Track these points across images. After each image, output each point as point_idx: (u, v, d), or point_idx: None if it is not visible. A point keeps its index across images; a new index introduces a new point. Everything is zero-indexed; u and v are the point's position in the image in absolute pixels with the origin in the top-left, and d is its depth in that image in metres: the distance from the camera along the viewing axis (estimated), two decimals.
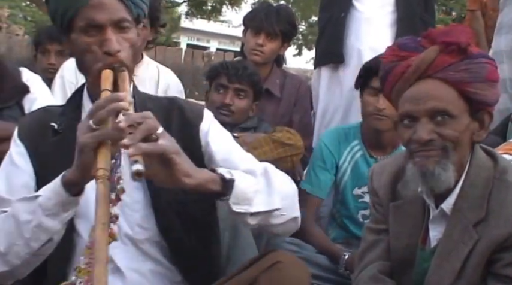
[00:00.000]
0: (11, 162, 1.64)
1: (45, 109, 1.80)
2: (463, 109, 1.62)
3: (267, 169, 1.62)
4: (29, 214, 1.47)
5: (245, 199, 1.51)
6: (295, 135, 2.73)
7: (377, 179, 1.87)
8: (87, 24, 1.56)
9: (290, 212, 1.62)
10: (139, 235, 1.61)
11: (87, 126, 1.38)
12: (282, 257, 1.51)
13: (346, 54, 3.16)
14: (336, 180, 2.79)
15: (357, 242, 2.42)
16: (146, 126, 1.36)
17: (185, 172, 1.40)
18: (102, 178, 1.33)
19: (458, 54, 1.62)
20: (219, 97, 2.78)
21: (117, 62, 1.55)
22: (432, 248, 1.69)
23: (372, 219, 1.91)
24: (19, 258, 1.50)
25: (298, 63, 16.86)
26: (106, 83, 1.50)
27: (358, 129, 2.78)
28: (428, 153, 1.61)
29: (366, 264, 1.83)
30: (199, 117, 1.71)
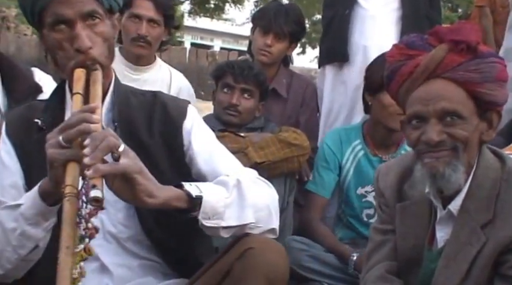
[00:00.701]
0: (1, 163, 1.62)
1: (30, 105, 1.75)
2: (472, 110, 1.60)
3: (240, 180, 1.55)
4: (13, 222, 1.47)
5: (215, 213, 1.47)
6: (301, 136, 2.73)
7: (383, 179, 1.86)
8: (55, 19, 1.51)
9: (266, 224, 1.58)
10: (123, 233, 1.60)
11: (57, 141, 1.35)
12: (254, 243, 1.47)
13: (351, 52, 3.14)
14: (339, 180, 2.79)
15: (364, 242, 2.42)
16: (107, 143, 1.31)
17: (148, 192, 1.36)
18: (68, 196, 1.28)
19: (467, 53, 1.60)
20: (226, 97, 2.77)
21: (89, 60, 1.50)
22: (439, 249, 1.69)
23: (378, 219, 1.90)
24: (10, 263, 1.50)
25: (302, 61, 16.81)
26: (77, 85, 1.46)
27: (359, 129, 2.79)
28: (438, 154, 1.59)
29: (373, 264, 1.82)
30: (182, 114, 1.67)
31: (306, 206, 2.80)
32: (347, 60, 3.14)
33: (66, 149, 1.34)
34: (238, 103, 2.75)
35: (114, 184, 1.34)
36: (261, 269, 1.43)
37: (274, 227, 1.60)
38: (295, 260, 2.47)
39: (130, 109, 1.61)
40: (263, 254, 1.45)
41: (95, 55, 1.51)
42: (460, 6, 14.13)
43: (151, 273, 1.62)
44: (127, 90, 1.69)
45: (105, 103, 1.61)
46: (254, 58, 3.18)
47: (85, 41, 1.49)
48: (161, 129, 1.59)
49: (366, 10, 3.17)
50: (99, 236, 1.56)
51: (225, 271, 1.48)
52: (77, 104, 1.43)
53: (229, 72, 2.77)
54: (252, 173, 1.66)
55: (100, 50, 1.53)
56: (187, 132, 1.65)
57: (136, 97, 1.67)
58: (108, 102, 1.62)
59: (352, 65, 3.13)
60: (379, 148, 2.73)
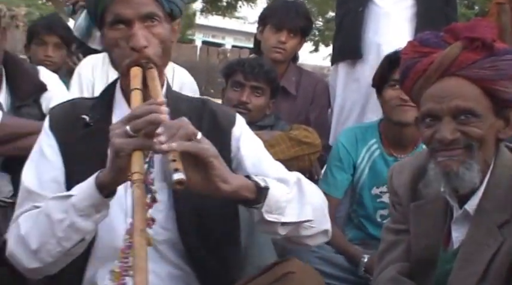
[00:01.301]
0: (41, 154, 1.63)
1: (75, 102, 1.79)
2: (487, 107, 1.58)
3: (300, 178, 1.59)
4: (62, 213, 1.46)
5: (278, 207, 1.48)
6: (312, 133, 2.71)
7: (397, 178, 1.85)
8: (115, 19, 1.56)
9: (320, 225, 1.59)
10: (160, 235, 1.59)
11: (124, 131, 1.37)
12: (296, 267, 1.48)
13: (364, 49, 3.11)
14: (353, 180, 2.76)
15: (374, 243, 2.40)
16: (185, 130, 1.35)
17: (223, 177, 1.39)
18: (137, 182, 1.32)
19: (482, 50, 1.58)
20: (236, 95, 2.75)
21: (144, 58, 1.54)
22: (454, 249, 1.66)
23: (392, 219, 1.88)
24: (51, 256, 1.49)
25: (315, 59, 16.80)
26: (135, 81, 1.50)
27: (376, 128, 2.75)
28: (452, 152, 1.58)
29: (386, 265, 1.80)
30: (231, 122, 1.70)
31: None
32: (360, 57, 3.12)
33: (133, 139, 1.36)
34: (248, 100, 2.73)
35: (185, 172, 1.33)
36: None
37: (328, 229, 1.62)
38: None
39: (180, 114, 1.61)
40: (302, 280, 1.46)
41: (150, 55, 1.54)
42: (476, 3, 14.01)
43: (177, 284, 1.62)
44: (177, 95, 1.74)
45: None
46: (263, 55, 3.16)
47: (140, 40, 1.53)
48: (210, 135, 1.58)
49: (380, 7, 3.15)
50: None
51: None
52: (137, 99, 1.47)
53: (239, 69, 2.75)
54: (302, 176, 1.66)
55: (155, 50, 1.56)
56: (235, 139, 1.68)
57: (185, 103, 1.70)
58: None
59: (365, 63, 3.10)
60: (395, 147, 2.69)
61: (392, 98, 2.56)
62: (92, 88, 3.16)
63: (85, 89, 3.14)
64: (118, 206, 1.57)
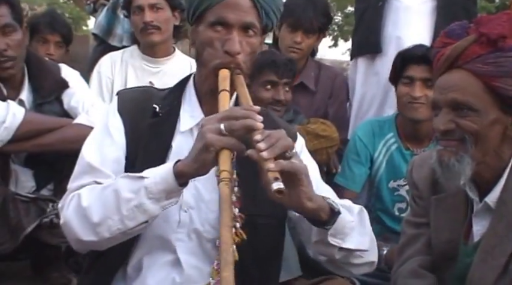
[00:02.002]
0: (106, 132, 1.65)
1: (147, 90, 1.82)
2: (489, 103, 1.56)
3: (363, 209, 1.61)
4: (131, 192, 1.47)
5: (342, 233, 1.49)
6: (330, 127, 2.71)
7: (417, 171, 1.84)
8: (218, 20, 1.58)
9: (370, 256, 1.59)
10: (208, 233, 1.60)
11: (217, 128, 1.39)
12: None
13: (384, 43, 3.12)
14: (370, 173, 2.76)
15: (394, 237, 2.40)
16: (284, 143, 1.37)
17: (309, 195, 1.40)
18: (225, 180, 1.34)
19: (488, 46, 1.56)
20: (270, 93, 2.74)
21: (234, 63, 1.56)
22: (475, 242, 1.65)
23: (412, 212, 1.88)
24: (110, 232, 1.50)
25: (334, 54, 16.73)
26: (224, 83, 1.52)
27: (393, 121, 2.75)
28: (446, 143, 1.60)
29: (406, 259, 1.80)
30: (293, 136, 1.70)
31: None
32: (380, 51, 3.12)
33: (225, 137, 1.38)
34: (283, 98, 2.74)
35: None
36: None
37: (374, 261, 1.62)
38: None
39: None
40: None
41: (240, 61, 1.57)
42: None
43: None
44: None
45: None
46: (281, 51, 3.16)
47: (236, 45, 1.56)
48: None
49: (400, 1, 3.15)
50: (183, 231, 1.60)
51: None
52: (226, 100, 1.50)
53: (273, 69, 2.74)
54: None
55: (245, 58, 1.59)
56: (296, 155, 1.67)
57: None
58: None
59: (384, 57, 3.10)
60: (411, 141, 2.70)
61: (404, 95, 2.58)
62: (111, 85, 3.19)
63: (104, 87, 3.17)
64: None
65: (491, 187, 1.61)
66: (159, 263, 1.60)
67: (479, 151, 1.57)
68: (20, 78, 2.51)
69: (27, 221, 2.34)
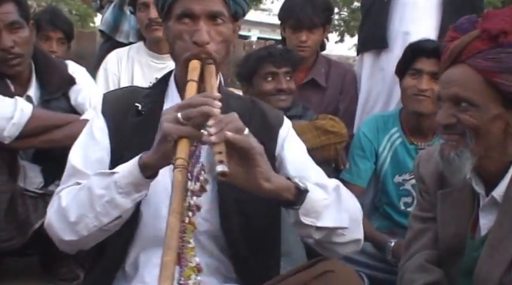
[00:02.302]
0: (90, 135, 1.67)
1: (131, 89, 1.83)
2: (490, 99, 1.56)
3: (339, 185, 1.59)
4: (103, 189, 1.50)
5: (314, 211, 1.49)
6: (339, 123, 2.71)
7: (424, 166, 1.84)
8: (183, 12, 1.59)
9: (353, 234, 1.58)
10: (201, 226, 1.60)
11: (175, 117, 1.40)
12: (336, 267, 1.48)
13: (390, 39, 3.11)
14: (376, 168, 2.77)
15: (402, 231, 2.40)
16: (234, 125, 1.37)
17: (266, 175, 1.39)
18: (180, 167, 1.34)
19: (489, 41, 1.56)
20: (271, 85, 2.76)
21: (205, 53, 1.56)
22: (482, 237, 1.65)
23: (418, 207, 1.88)
24: (87, 230, 1.53)
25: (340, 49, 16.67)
26: (193, 74, 1.52)
27: (397, 116, 2.76)
28: (448, 137, 1.60)
29: (413, 253, 1.80)
30: (280, 121, 1.73)
31: None
32: (386, 46, 3.11)
33: (182, 126, 1.39)
34: (286, 86, 2.75)
35: (229, 166, 1.35)
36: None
37: (360, 238, 1.61)
38: None
39: (230, 110, 1.63)
40: (341, 280, 1.45)
41: (211, 51, 1.57)
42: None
43: (215, 275, 1.64)
44: (227, 93, 1.76)
45: None
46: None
47: (204, 35, 1.56)
48: (258, 132, 1.59)
49: None
50: None
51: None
52: (192, 90, 1.50)
53: (270, 60, 2.76)
54: (341, 184, 1.67)
55: (216, 47, 1.59)
56: (282, 138, 1.70)
57: (235, 101, 1.73)
58: None
59: (391, 52, 3.09)
60: (415, 136, 2.71)
61: (410, 87, 2.59)
62: (117, 81, 3.20)
63: (111, 83, 3.18)
64: (165, 194, 1.56)
65: (497, 181, 1.61)
66: (155, 259, 1.57)
67: (479, 145, 1.57)
68: (28, 74, 2.52)
69: (36, 217, 2.35)
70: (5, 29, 2.37)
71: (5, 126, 2.29)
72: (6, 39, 2.36)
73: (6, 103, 2.33)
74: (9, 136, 2.31)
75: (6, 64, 2.41)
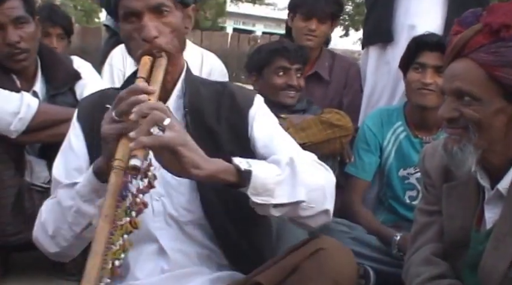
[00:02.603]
0: (68, 144, 1.68)
1: (103, 92, 1.83)
2: (493, 93, 1.55)
3: (293, 159, 1.53)
4: (70, 199, 1.52)
5: (266, 190, 1.45)
6: (344, 117, 2.71)
7: (429, 160, 1.84)
8: (126, 12, 1.58)
9: (319, 205, 1.55)
10: (184, 217, 1.61)
11: (110, 117, 1.40)
12: (326, 244, 1.48)
13: (396, 32, 3.10)
14: (380, 162, 2.77)
15: (407, 225, 2.40)
16: (152, 116, 1.34)
17: (194, 163, 1.37)
18: (116, 169, 1.32)
19: (491, 35, 1.56)
20: (282, 79, 2.78)
21: (155, 48, 1.55)
22: (487, 230, 1.65)
23: (424, 201, 1.88)
24: (66, 241, 1.57)
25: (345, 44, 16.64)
26: (142, 70, 1.51)
27: (401, 110, 2.77)
28: (451, 131, 1.61)
29: (419, 247, 1.80)
30: (249, 102, 1.70)
31: (347, 190, 2.78)
32: (391, 40, 3.10)
33: (117, 124, 1.39)
34: (297, 83, 2.77)
35: (163, 158, 1.37)
36: (330, 271, 1.44)
37: (328, 209, 1.58)
38: None
39: (199, 98, 1.65)
40: (333, 256, 1.45)
41: (161, 44, 1.56)
42: None
43: (207, 263, 1.64)
44: (197, 80, 1.74)
45: (175, 90, 1.67)
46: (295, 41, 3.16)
47: (151, 31, 1.55)
48: (228, 116, 1.62)
49: None
50: (160, 219, 1.61)
51: (291, 268, 1.48)
52: None
53: (284, 55, 2.77)
54: (310, 156, 1.65)
55: (166, 39, 1.57)
56: (251, 118, 1.68)
57: (205, 87, 1.72)
58: (178, 90, 1.67)
59: (396, 45, 3.09)
60: (420, 129, 2.71)
61: (414, 81, 2.60)
62: (123, 77, 3.20)
63: (116, 79, 3.18)
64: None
65: (502, 174, 1.61)
66: (145, 254, 1.61)
67: (483, 139, 1.57)
68: (33, 70, 2.53)
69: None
70: (11, 24, 2.38)
71: (11, 121, 2.30)
72: (12, 34, 2.37)
73: (13, 98, 2.34)
74: (15, 131, 2.32)
75: (13, 60, 2.42)
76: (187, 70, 1.71)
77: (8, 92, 2.35)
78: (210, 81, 1.82)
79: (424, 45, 2.60)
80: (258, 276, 1.51)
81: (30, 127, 2.34)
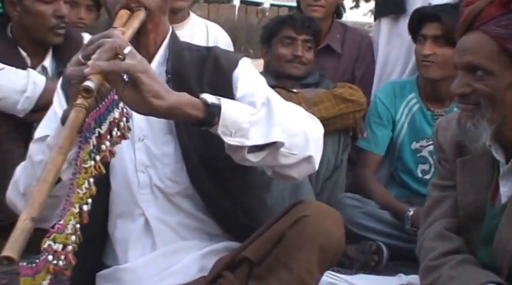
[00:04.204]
0: (52, 111, 1.65)
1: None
2: (505, 66, 1.52)
3: (269, 98, 1.45)
4: (40, 154, 1.48)
5: (239, 129, 1.36)
6: (357, 91, 2.69)
7: (442, 134, 1.82)
8: None
9: (301, 151, 1.45)
10: (171, 188, 1.59)
11: (76, 59, 1.34)
12: (309, 210, 1.46)
13: (408, 3, 3.05)
14: (393, 136, 2.75)
15: (419, 200, 2.41)
16: (111, 43, 1.28)
17: (154, 92, 1.29)
18: (78, 107, 1.25)
19: (502, 7, 1.52)
20: (288, 50, 2.75)
21: (133, 2, 1.50)
22: (502, 204, 1.63)
23: (438, 175, 1.86)
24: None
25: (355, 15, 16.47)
26: (118, 22, 1.46)
27: (414, 82, 2.75)
28: (464, 106, 1.58)
29: (432, 222, 1.79)
30: (233, 64, 1.62)
31: (359, 164, 2.78)
32: (404, 11, 3.05)
33: (82, 66, 1.30)
34: (302, 54, 2.73)
35: (124, 92, 1.31)
36: (315, 238, 1.42)
37: (311, 155, 1.48)
38: (348, 217, 2.43)
39: (183, 64, 1.62)
40: (318, 222, 1.43)
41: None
42: None
43: (198, 235, 1.62)
44: (183, 46, 1.69)
45: (156, 56, 1.63)
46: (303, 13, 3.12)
47: None
48: (211, 80, 1.58)
49: None
50: (147, 191, 1.59)
51: (277, 238, 1.47)
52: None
53: (290, 24, 2.75)
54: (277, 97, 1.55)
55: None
56: (235, 79, 1.61)
57: (191, 53, 1.67)
58: (161, 55, 1.63)
59: (408, 17, 3.02)
60: (432, 102, 2.70)
61: (417, 52, 2.61)
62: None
63: None
64: (129, 160, 1.59)
65: None
66: (134, 232, 1.60)
67: (496, 114, 1.55)
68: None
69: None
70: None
71: (18, 100, 2.30)
72: (64, 8, 2.40)
73: (19, 76, 2.33)
74: (23, 110, 2.31)
75: (55, 33, 2.43)
76: (172, 35, 1.67)
77: (15, 69, 2.34)
78: (196, 47, 1.74)
79: (423, 16, 2.60)
80: (244, 251, 1.50)
81: (38, 106, 2.33)
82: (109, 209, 1.62)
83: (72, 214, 1.25)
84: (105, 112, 1.33)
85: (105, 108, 1.33)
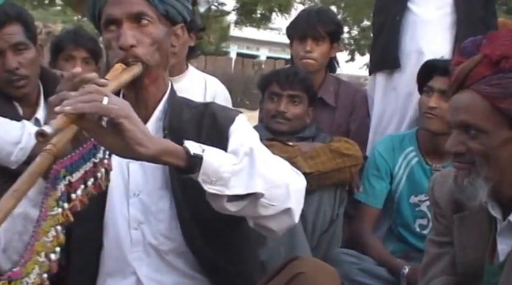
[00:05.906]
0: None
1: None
2: (498, 124, 1.53)
3: (253, 148, 1.44)
4: (19, 207, 1.40)
5: (219, 178, 1.35)
6: (354, 146, 2.68)
7: (438, 190, 1.81)
8: (106, 20, 1.55)
9: (281, 203, 1.43)
10: (164, 245, 1.58)
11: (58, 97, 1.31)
12: (305, 267, 1.44)
13: (402, 58, 3.08)
14: (391, 189, 2.73)
15: (417, 255, 2.38)
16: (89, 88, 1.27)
17: (137, 139, 1.27)
18: (45, 152, 1.20)
19: (491, 67, 1.54)
20: (273, 105, 2.76)
21: (131, 57, 1.51)
22: (501, 262, 1.62)
23: (434, 231, 1.85)
24: (17, 253, 1.48)
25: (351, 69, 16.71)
26: (110, 74, 1.46)
27: (413, 136, 2.74)
28: (459, 165, 1.58)
29: (430, 279, 1.77)
30: (230, 120, 1.62)
31: (357, 217, 2.75)
32: (398, 66, 3.08)
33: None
34: (285, 110, 2.73)
35: (106, 140, 1.29)
36: None
37: (291, 207, 1.45)
38: (345, 274, 2.39)
39: (180, 120, 1.62)
40: (314, 279, 1.41)
41: (138, 53, 1.51)
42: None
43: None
44: (182, 102, 1.69)
45: (156, 111, 1.63)
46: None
47: (127, 39, 1.50)
48: (209, 135, 1.57)
49: (418, 15, 3.10)
50: (139, 249, 1.57)
51: None
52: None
53: (275, 80, 2.76)
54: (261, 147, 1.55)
55: (145, 50, 1.53)
56: (231, 135, 1.60)
57: (189, 110, 1.67)
58: (160, 111, 1.63)
59: (403, 71, 3.07)
60: (432, 156, 2.68)
61: (422, 104, 2.61)
62: None
63: None
64: (122, 217, 1.57)
65: None
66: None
67: (492, 172, 1.54)
68: (36, 96, 2.50)
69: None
70: (10, 50, 2.35)
71: (12, 151, 2.28)
72: (11, 61, 2.35)
73: (14, 127, 2.32)
74: (16, 162, 2.29)
75: (12, 86, 2.39)
76: (171, 91, 1.67)
77: (9, 121, 2.33)
78: (195, 103, 1.74)
79: (432, 69, 2.61)
80: None
81: (31, 157, 2.30)
82: (99, 265, 1.59)
83: (36, 262, 1.22)
84: (79, 161, 1.31)
85: (79, 156, 1.31)
